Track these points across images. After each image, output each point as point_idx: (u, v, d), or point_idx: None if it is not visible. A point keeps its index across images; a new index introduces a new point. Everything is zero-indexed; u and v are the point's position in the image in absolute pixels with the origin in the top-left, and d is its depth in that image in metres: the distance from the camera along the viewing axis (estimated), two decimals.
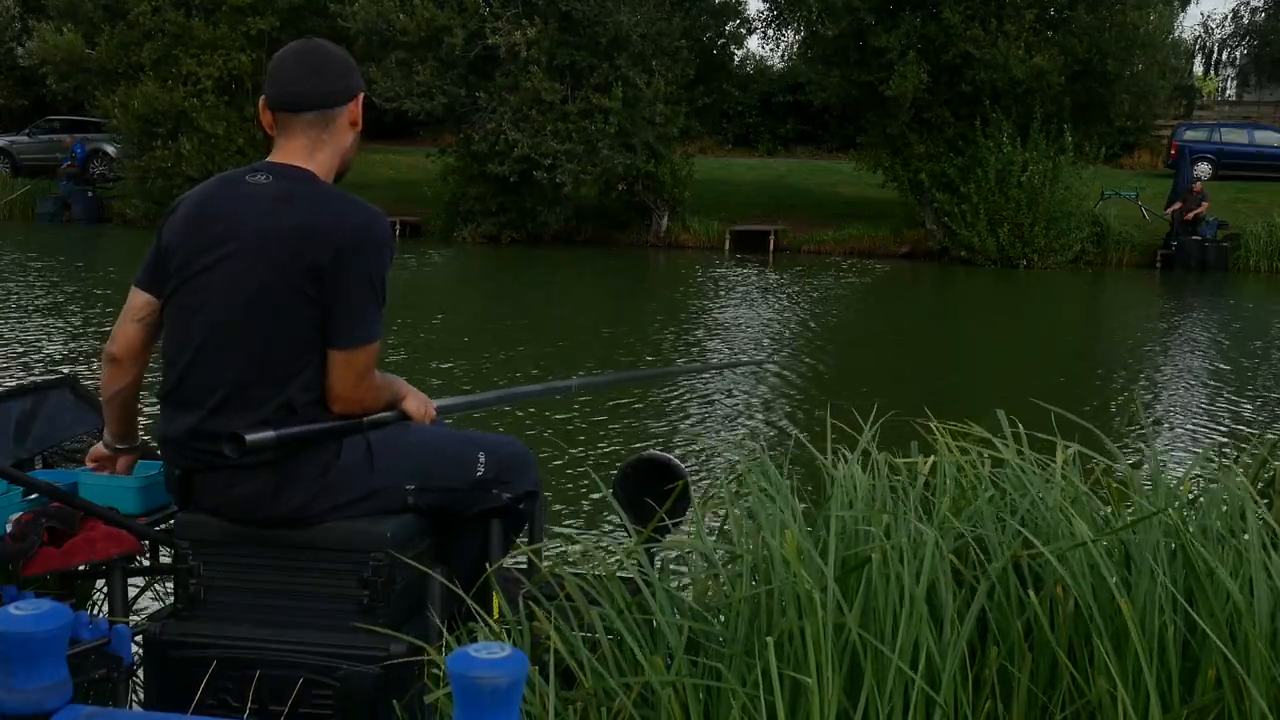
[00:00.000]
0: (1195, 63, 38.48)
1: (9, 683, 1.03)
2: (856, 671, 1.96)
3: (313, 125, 2.39)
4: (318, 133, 2.40)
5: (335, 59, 2.44)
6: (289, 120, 2.40)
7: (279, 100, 2.40)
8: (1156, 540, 2.11)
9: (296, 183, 2.36)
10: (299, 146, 2.40)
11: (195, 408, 2.36)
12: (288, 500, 2.34)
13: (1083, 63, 22.06)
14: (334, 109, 2.41)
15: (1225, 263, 21.76)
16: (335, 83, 2.41)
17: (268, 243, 2.31)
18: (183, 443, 2.38)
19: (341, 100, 2.42)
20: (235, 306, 2.33)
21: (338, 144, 2.43)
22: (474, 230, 24.09)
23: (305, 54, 2.43)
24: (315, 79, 2.39)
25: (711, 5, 26.72)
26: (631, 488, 2.82)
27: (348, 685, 2.31)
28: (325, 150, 2.41)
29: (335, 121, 2.41)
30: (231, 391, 2.33)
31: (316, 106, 2.39)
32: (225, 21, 24.71)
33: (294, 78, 2.39)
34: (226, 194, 2.40)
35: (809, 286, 18.48)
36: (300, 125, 2.39)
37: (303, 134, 2.39)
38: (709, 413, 8.92)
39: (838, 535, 2.16)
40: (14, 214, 27.14)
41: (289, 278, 2.29)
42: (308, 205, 2.33)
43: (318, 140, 2.40)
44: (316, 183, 2.38)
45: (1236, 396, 10.19)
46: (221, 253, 2.34)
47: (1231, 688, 1.94)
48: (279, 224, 2.31)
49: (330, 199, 2.36)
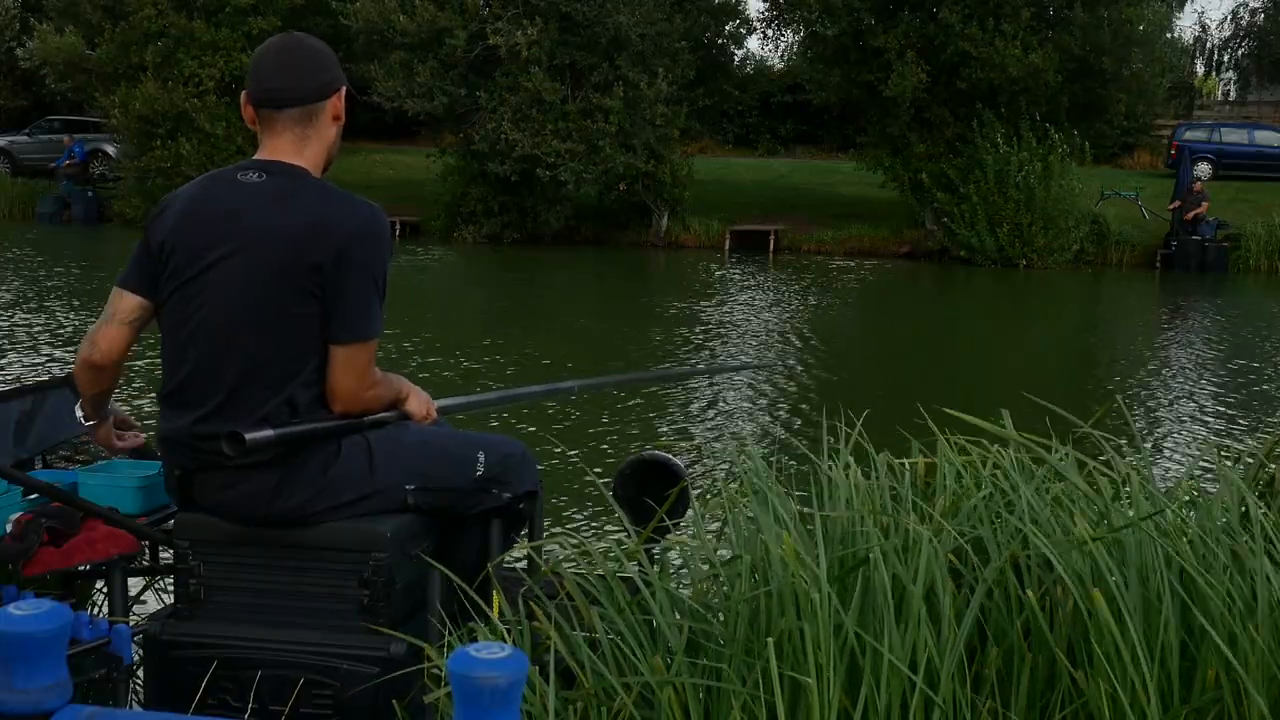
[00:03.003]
0: (1196, 63, 38.48)
1: (9, 683, 1.03)
2: (856, 671, 1.96)
3: (297, 121, 2.38)
4: (302, 129, 2.39)
5: (316, 54, 2.42)
6: (272, 117, 2.39)
7: (261, 97, 2.39)
8: (1154, 540, 2.11)
9: (293, 180, 2.36)
10: (286, 143, 2.39)
11: (196, 407, 2.35)
12: (287, 499, 2.34)
13: (1079, 61, 22.06)
14: (317, 104, 2.40)
15: (1225, 263, 21.75)
16: (317, 78, 2.40)
17: (270, 241, 2.30)
18: (183, 442, 2.38)
19: (323, 95, 2.40)
20: (236, 305, 2.32)
21: (323, 139, 2.42)
22: (474, 230, 24.09)
23: (286, 50, 2.41)
24: (297, 75, 2.38)
25: (711, 5, 26.71)
26: (631, 488, 2.82)
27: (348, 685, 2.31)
28: (312, 146, 2.40)
29: (319, 117, 2.40)
30: (233, 390, 2.32)
31: (299, 102, 2.37)
32: (227, 23, 24.71)
33: (275, 74, 2.38)
34: (221, 192, 2.39)
35: (809, 286, 18.48)
36: (284, 122, 2.38)
37: (287, 130, 2.39)
38: (709, 413, 8.92)
39: (836, 536, 2.17)
40: (14, 214, 27.14)
41: (291, 275, 2.29)
42: (308, 202, 2.33)
43: (303, 136, 2.39)
44: (312, 179, 2.38)
45: (1236, 397, 10.19)
46: (222, 251, 2.33)
47: (1230, 688, 1.94)
48: (280, 222, 2.31)
49: (330, 196, 2.36)
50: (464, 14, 23.13)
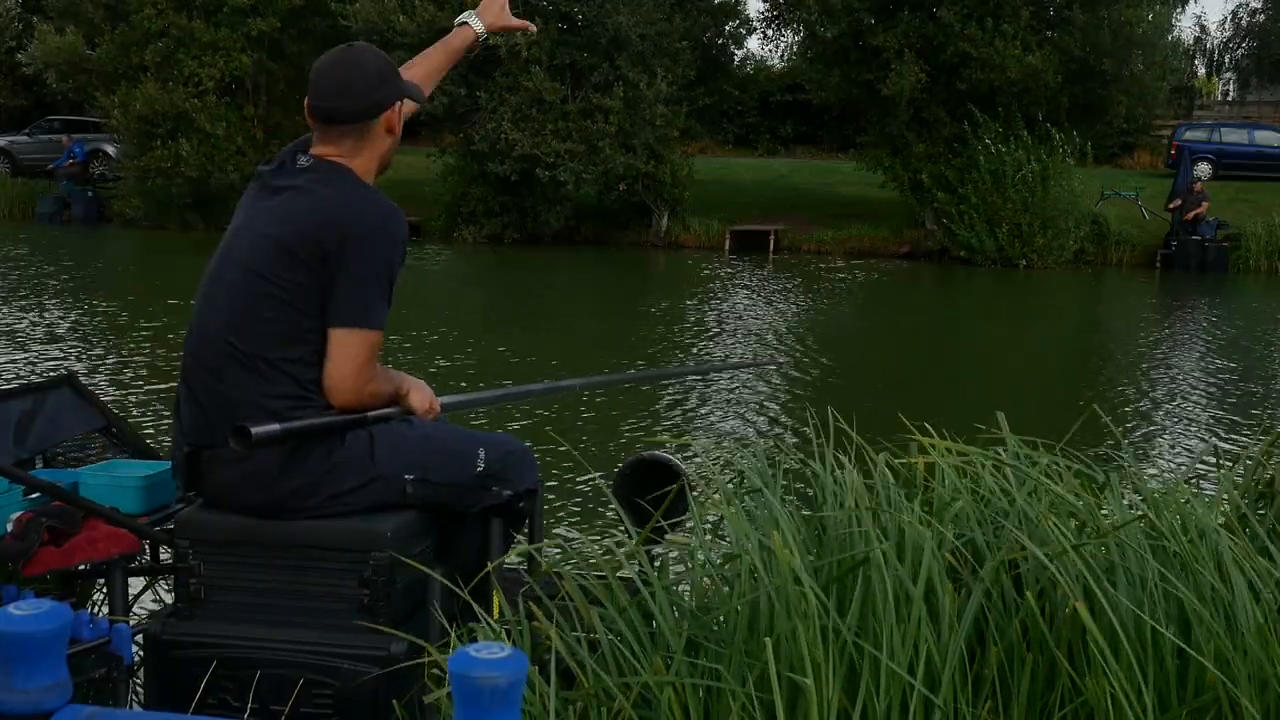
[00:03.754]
0: (1196, 64, 38.49)
1: (9, 683, 1.04)
2: (855, 672, 1.96)
3: (347, 135, 2.45)
4: (354, 141, 2.46)
5: (367, 72, 2.46)
6: (325, 129, 2.46)
7: (315, 112, 2.46)
8: (1151, 542, 2.12)
9: (331, 172, 2.42)
10: (335, 150, 2.46)
11: (208, 380, 2.41)
12: (289, 481, 2.37)
13: (1080, 62, 22.04)
14: (369, 121, 2.45)
15: (1225, 263, 21.74)
16: (367, 97, 2.44)
17: (281, 223, 2.37)
18: (199, 404, 2.43)
19: (374, 114, 2.46)
20: (245, 279, 2.39)
21: (374, 150, 2.49)
22: (474, 230, 24.08)
23: (339, 66, 2.46)
24: (346, 96, 2.43)
25: (711, 5, 26.70)
26: (631, 487, 2.82)
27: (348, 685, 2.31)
28: (363, 154, 2.47)
29: (371, 131, 2.47)
30: (240, 367, 2.37)
31: (351, 120, 2.44)
32: (227, 23, 24.69)
33: (327, 93, 2.44)
34: (273, 172, 2.49)
35: (809, 286, 18.48)
36: (335, 134, 2.45)
37: (340, 141, 2.46)
38: (709, 413, 8.92)
39: (834, 536, 2.17)
40: (14, 214, 27.14)
41: (296, 257, 2.34)
42: (332, 191, 2.40)
43: (355, 148, 2.46)
44: (350, 175, 2.44)
45: (1235, 397, 10.19)
46: (245, 226, 2.45)
47: (1226, 690, 1.94)
48: (295, 207, 2.38)
49: (356, 189, 2.42)
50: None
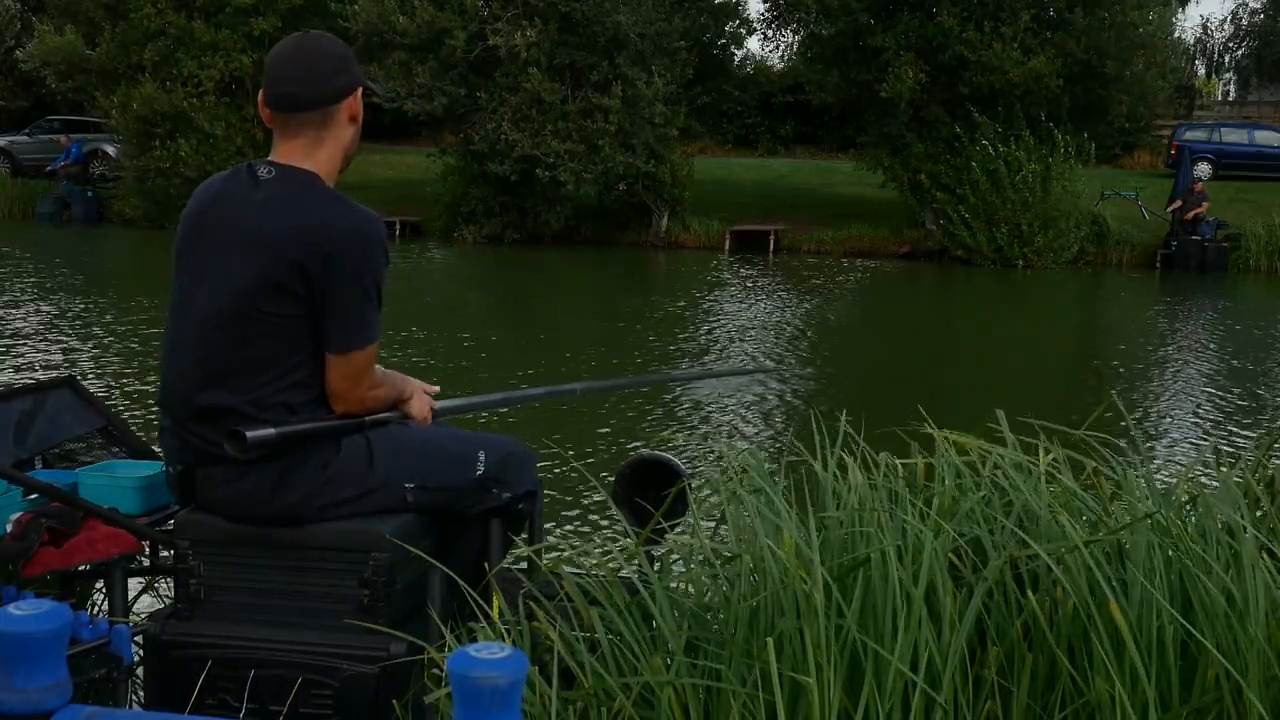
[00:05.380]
0: (1197, 64, 38.47)
1: (9, 683, 1.03)
2: (857, 671, 1.95)
3: (310, 124, 2.37)
4: (316, 131, 2.38)
5: (330, 55, 2.40)
6: (286, 119, 2.38)
7: (275, 100, 2.38)
8: (1153, 541, 2.11)
9: (297, 184, 2.35)
10: (299, 145, 2.38)
11: (191, 402, 2.36)
12: (287, 495, 2.34)
13: (1081, 64, 22.04)
14: (331, 106, 2.38)
15: (1225, 263, 21.74)
16: (331, 81, 2.38)
17: (259, 242, 2.30)
18: (182, 437, 2.39)
19: (337, 98, 2.38)
20: (222, 304, 2.32)
21: (338, 140, 2.41)
22: (474, 230, 24.08)
23: (299, 52, 2.39)
24: (309, 78, 2.36)
25: (711, 5, 26.72)
26: (631, 488, 2.81)
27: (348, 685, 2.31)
28: (325, 148, 2.39)
29: (334, 119, 2.39)
30: (225, 388, 2.33)
31: (312, 106, 2.36)
32: (227, 23, 24.69)
33: (288, 77, 2.36)
34: (232, 189, 2.40)
35: (809, 286, 18.48)
36: (298, 124, 2.37)
37: (301, 133, 2.38)
38: (709, 413, 8.92)
39: (835, 536, 2.16)
40: (14, 214, 27.13)
41: (275, 276, 2.28)
42: (304, 206, 2.32)
43: (317, 139, 2.38)
44: (318, 185, 2.37)
45: (1235, 397, 10.19)
46: (214, 249, 2.35)
47: (1231, 688, 1.94)
48: (274, 224, 2.31)
49: (326, 201, 2.34)
50: (463, 14, 23.12)
